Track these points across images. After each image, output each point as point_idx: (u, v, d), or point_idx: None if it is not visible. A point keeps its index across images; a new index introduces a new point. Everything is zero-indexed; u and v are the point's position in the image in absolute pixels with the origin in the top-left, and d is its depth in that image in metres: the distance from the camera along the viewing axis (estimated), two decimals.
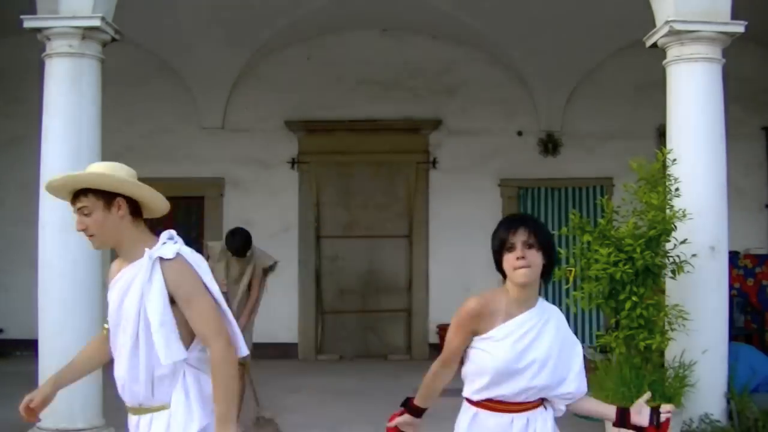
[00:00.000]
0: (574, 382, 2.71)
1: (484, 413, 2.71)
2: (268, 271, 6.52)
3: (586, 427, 6.67)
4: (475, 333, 2.66)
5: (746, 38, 6.33)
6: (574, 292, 5.76)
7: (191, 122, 10.81)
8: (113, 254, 10.63)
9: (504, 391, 2.64)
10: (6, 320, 10.46)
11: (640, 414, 2.67)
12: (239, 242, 6.28)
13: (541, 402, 2.72)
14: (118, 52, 7.34)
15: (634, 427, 2.69)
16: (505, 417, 2.66)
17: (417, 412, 2.97)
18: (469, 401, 2.78)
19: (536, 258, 2.56)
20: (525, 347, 2.60)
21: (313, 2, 9.58)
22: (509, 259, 2.56)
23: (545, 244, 2.57)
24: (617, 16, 8.89)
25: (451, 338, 2.75)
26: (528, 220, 2.62)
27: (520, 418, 2.67)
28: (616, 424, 2.75)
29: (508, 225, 2.60)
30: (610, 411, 2.78)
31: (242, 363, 6.19)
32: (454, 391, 5.39)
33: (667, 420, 2.65)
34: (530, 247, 2.54)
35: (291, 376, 9.01)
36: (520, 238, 2.54)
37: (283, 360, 10.25)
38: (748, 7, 6.29)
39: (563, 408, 2.77)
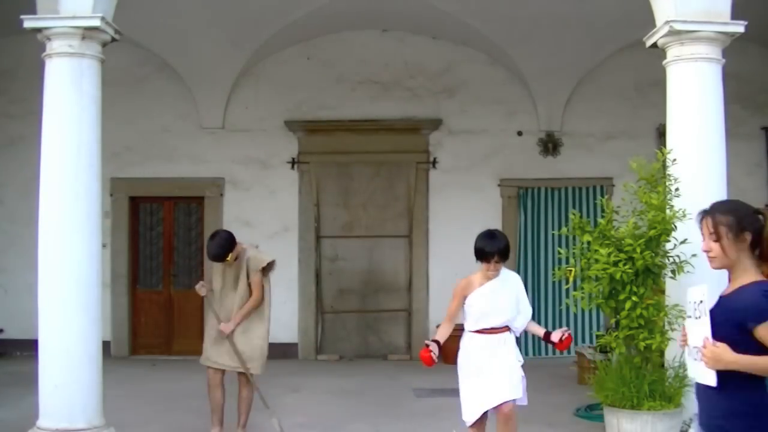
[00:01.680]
0: (522, 318, 5.03)
1: (476, 335, 4.92)
2: (267, 270, 6.16)
3: (585, 427, 6.69)
4: (465, 297, 4.93)
5: (746, 38, 6.32)
6: (574, 292, 5.76)
7: (191, 122, 10.81)
8: (113, 255, 10.66)
9: (484, 324, 4.89)
10: (6, 320, 10.46)
11: (554, 335, 4.95)
12: (215, 247, 5.89)
13: (508, 329, 4.96)
14: (118, 52, 7.35)
15: (550, 342, 5.01)
16: (488, 336, 4.90)
17: (439, 344, 4.91)
18: (469, 332, 4.97)
19: (500, 266, 4.85)
20: (489, 299, 4.86)
21: (313, 2, 9.58)
22: (485, 264, 4.81)
23: (506, 255, 4.83)
24: (617, 16, 8.90)
25: (451, 304, 5.00)
26: (501, 245, 4.80)
27: (496, 337, 4.91)
28: (543, 339, 5.07)
29: (490, 247, 4.78)
30: (540, 331, 5.12)
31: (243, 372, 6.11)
32: (455, 391, 5.41)
33: (566, 340, 4.92)
34: (497, 261, 4.79)
35: (291, 376, 9.01)
36: (494, 258, 4.76)
37: (283, 360, 10.24)
38: (748, 7, 6.28)
39: (518, 332, 5.07)
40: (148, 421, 6.84)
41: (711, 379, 2.80)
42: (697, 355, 2.84)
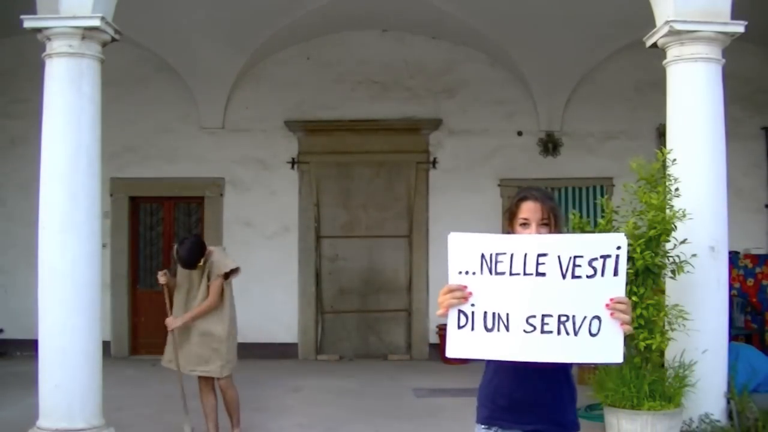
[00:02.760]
0: None
1: None
2: (229, 276, 5.87)
3: (585, 427, 6.68)
4: None
5: (746, 38, 6.33)
6: None
7: (191, 122, 10.81)
8: (113, 255, 10.59)
9: None
10: (6, 320, 10.46)
11: None
12: (186, 254, 5.64)
13: None
14: (118, 52, 7.35)
15: None
16: None
17: None
18: None
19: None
20: None
21: (313, 2, 9.58)
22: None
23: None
24: (617, 16, 8.90)
25: None
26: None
27: None
28: None
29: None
30: None
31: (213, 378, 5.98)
32: (455, 391, 5.41)
33: None
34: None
35: (291, 376, 9.01)
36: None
37: (283, 360, 10.25)
38: (748, 7, 6.29)
39: None
40: (148, 421, 6.84)
41: (617, 352, 2.24)
42: (586, 323, 2.25)
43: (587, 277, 2.25)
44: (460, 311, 2.29)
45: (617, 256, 2.24)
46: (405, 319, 10.85)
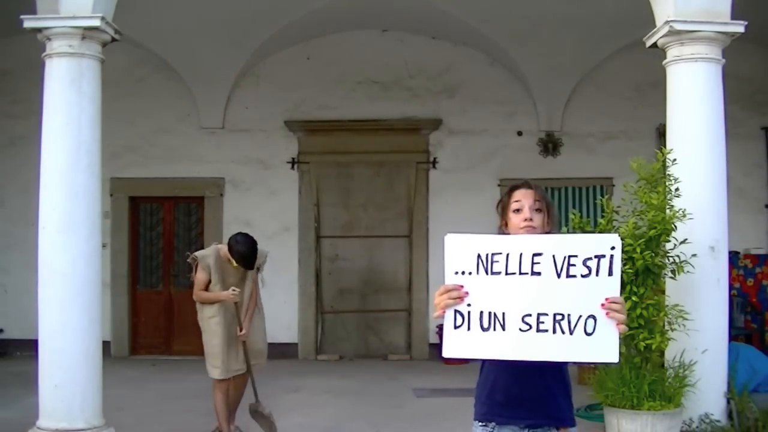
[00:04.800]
0: None
1: None
2: (260, 267, 6.15)
3: (585, 427, 6.68)
4: None
5: (746, 38, 6.33)
6: None
7: (191, 122, 10.81)
8: (113, 255, 10.61)
9: None
10: (6, 320, 10.46)
11: None
12: (251, 255, 5.76)
13: None
14: (118, 52, 7.35)
15: None
16: None
17: None
18: None
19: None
20: None
21: (313, 2, 9.58)
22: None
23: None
24: (617, 16, 8.90)
25: None
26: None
27: None
28: None
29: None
30: None
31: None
32: (455, 391, 5.41)
33: None
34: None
35: (291, 376, 9.01)
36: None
37: (283, 360, 10.24)
38: (748, 7, 6.29)
39: None
40: (148, 421, 6.83)
41: (613, 352, 2.24)
42: (581, 323, 2.26)
43: (582, 276, 2.26)
44: (456, 311, 2.33)
45: (611, 256, 2.26)
46: (405, 319, 10.85)
